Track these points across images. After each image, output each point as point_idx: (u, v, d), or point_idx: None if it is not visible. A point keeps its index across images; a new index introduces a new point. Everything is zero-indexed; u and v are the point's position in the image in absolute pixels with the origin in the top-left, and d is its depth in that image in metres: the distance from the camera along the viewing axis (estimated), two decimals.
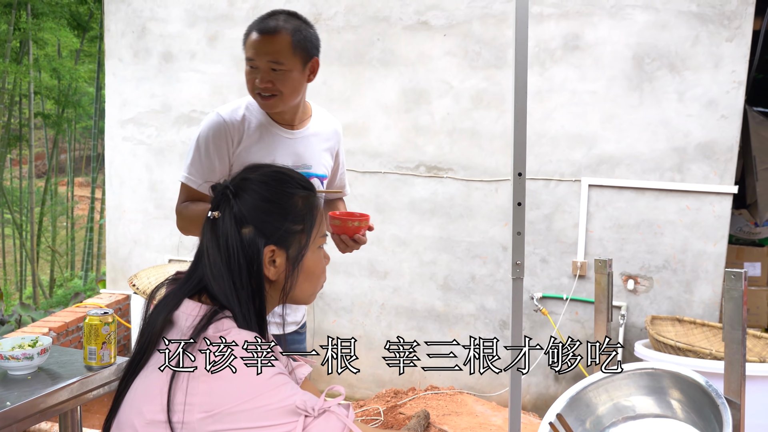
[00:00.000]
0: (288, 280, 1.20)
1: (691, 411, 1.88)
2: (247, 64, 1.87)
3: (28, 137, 10.10)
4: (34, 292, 10.33)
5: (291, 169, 1.30)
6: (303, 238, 1.21)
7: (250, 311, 1.16)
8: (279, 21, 1.85)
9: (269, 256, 1.18)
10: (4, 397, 1.82)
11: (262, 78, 1.85)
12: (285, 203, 1.20)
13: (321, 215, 1.26)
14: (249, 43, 1.85)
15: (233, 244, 1.16)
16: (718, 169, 3.57)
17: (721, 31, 3.50)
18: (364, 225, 1.87)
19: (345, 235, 1.85)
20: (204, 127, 1.93)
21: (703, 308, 3.67)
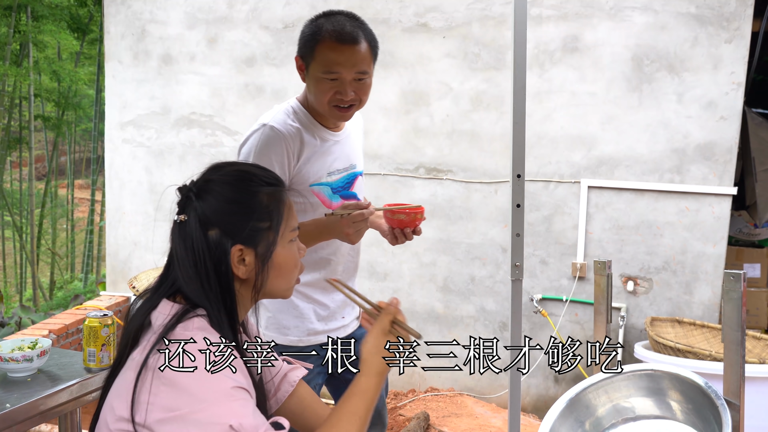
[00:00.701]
0: (258, 278, 1.20)
1: (690, 412, 1.89)
2: (325, 76, 1.71)
3: (28, 140, 10.10)
4: (34, 294, 10.33)
5: (256, 166, 1.29)
6: (271, 235, 1.20)
7: (221, 312, 1.17)
8: (353, 26, 1.73)
9: (238, 256, 1.18)
10: (3, 399, 1.83)
11: (347, 90, 1.73)
12: (249, 202, 1.20)
13: (289, 209, 1.25)
14: (328, 54, 1.70)
15: (199, 246, 1.16)
16: (717, 171, 3.57)
17: (720, 33, 3.50)
18: (422, 216, 1.87)
19: (408, 228, 1.84)
20: (257, 142, 1.79)
21: (703, 309, 3.67)
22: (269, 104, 4.45)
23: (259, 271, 1.19)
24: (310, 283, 1.97)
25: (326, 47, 1.70)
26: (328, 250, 1.98)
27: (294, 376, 1.47)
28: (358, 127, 2.13)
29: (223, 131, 4.47)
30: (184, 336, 1.10)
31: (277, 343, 1.97)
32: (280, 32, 4.28)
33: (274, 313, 1.98)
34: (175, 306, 1.17)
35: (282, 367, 1.49)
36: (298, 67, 1.82)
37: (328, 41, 1.70)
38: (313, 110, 1.86)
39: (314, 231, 1.80)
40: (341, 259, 2.02)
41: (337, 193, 1.94)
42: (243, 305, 1.25)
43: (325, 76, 1.72)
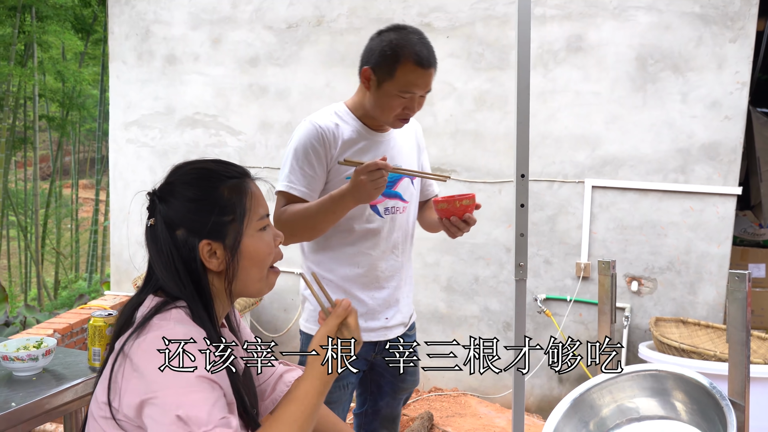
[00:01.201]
0: (229, 269, 1.23)
1: (695, 413, 1.88)
2: (401, 95, 1.84)
3: (33, 140, 10.13)
4: (39, 293, 10.37)
5: (216, 162, 1.32)
6: (236, 227, 1.23)
7: (199, 307, 1.20)
8: (428, 50, 1.84)
9: (207, 250, 1.22)
10: (9, 398, 1.83)
11: (414, 107, 1.88)
12: (209, 197, 1.23)
13: (255, 199, 1.27)
14: (408, 76, 1.82)
15: (168, 248, 1.21)
16: (722, 170, 3.56)
17: (724, 32, 3.49)
18: (471, 204, 1.87)
19: (455, 217, 1.86)
20: (300, 137, 1.91)
21: (707, 310, 3.66)
22: (273, 104, 4.49)
23: (229, 262, 1.23)
24: (349, 278, 2.00)
25: (408, 70, 1.81)
26: (367, 244, 1.99)
27: (290, 378, 1.51)
28: (410, 132, 2.15)
29: (227, 131, 4.47)
30: (160, 326, 1.14)
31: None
32: (283, 32, 4.29)
33: (316, 306, 2.01)
34: (156, 299, 1.22)
35: (278, 369, 1.52)
36: (365, 78, 1.90)
37: (410, 65, 1.81)
38: (361, 113, 1.97)
39: (328, 202, 1.82)
40: (382, 254, 2.03)
41: None
42: (221, 299, 1.27)
43: (400, 94, 1.84)
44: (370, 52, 1.89)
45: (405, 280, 2.14)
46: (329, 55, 4.21)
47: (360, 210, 1.95)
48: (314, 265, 2.02)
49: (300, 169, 1.89)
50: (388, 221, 2.01)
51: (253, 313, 4.42)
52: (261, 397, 1.49)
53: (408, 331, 2.17)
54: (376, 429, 2.24)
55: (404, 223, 2.08)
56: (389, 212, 2.01)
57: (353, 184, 1.75)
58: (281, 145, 4.35)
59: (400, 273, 2.10)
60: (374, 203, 1.97)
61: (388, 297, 2.06)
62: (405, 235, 2.10)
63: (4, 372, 2.05)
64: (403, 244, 2.09)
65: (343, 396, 2.06)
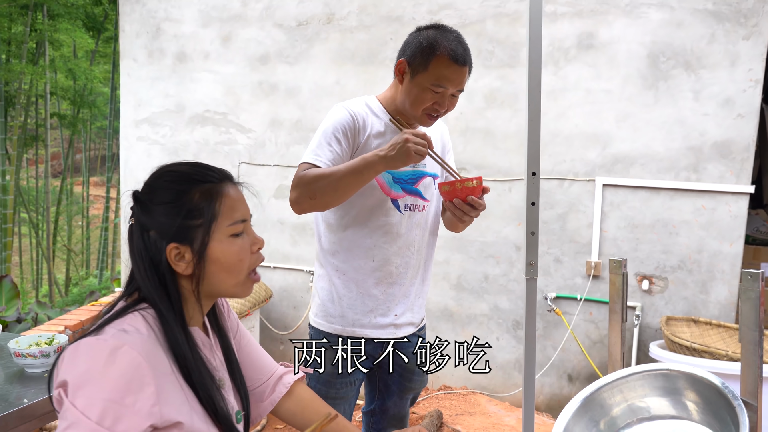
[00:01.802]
0: (195, 272, 1.24)
1: (706, 413, 1.87)
2: (433, 88, 1.85)
3: (44, 137, 10.20)
4: (50, 290, 10.44)
5: (194, 164, 1.31)
6: (203, 231, 1.23)
7: (168, 308, 1.22)
8: (464, 49, 1.86)
9: (175, 253, 1.22)
10: (21, 395, 1.85)
11: (444, 103, 1.89)
12: (178, 201, 1.23)
13: (229, 203, 1.26)
14: (442, 70, 1.83)
15: (140, 248, 1.24)
16: (734, 169, 3.54)
17: (737, 29, 3.47)
18: (477, 186, 1.82)
19: (458, 200, 1.82)
20: (331, 118, 1.92)
21: (719, 309, 3.64)
22: (283, 102, 4.49)
23: (195, 265, 1.23)
24: (363, 271, 2.00)
25: (442, 64, 1.83)
26: (384, 239, 1.99)
27: (289, 379, 1.53)
28: (437, 133, 2.15)
29: (237, 129, 4.48)
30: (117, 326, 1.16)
31: (324, 331, 2.02)
32: (293, 30, 4.29)
33: (323, 301, 2.02)
34: (122, 303, 1.25)
35: (278, 370, 1.54)
36: (399, 71, 1.92)
37: (444, 59, 1.83)
38: (392, 108, 1.98)
39: (357, 163, 1.78)
40: (398, 250, 2.02)
41: (399, 183, 1.98)
42: (192, 301, 1.28)
43: (432, 87, 1.85)
44: (406, 45, 1.92)
45: (420, 280, 2.12)
46: (339, 52, 4.21)
47: (379, 203, 1.95)
48: (330, 256, 2.02)
49: (328, 146, 1.88)
50: (406, 217, 2.01)
51: (262, 311, 4.43)
52: (260, 398, 1.50)
53: (418, 332, 2.16)
54: (385, 428, 2.24)
55: (422, 221, 2.07)
56: (408, 209, 2.01)
57: (392, 144, 1.74)
58: (291, 143, 4.36)
59: (415, 271, 2.09)
60: (395, 197, 1.97)
61: (400, 293, 2.05)
62: (423, 234, 2.09)
63: (16, 368, 2.06)
64: (420, 242, 2.07)
65: (349, 392, 2.06)
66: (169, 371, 1.16)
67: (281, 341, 4.50)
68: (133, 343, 1.12)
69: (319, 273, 2.06)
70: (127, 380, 1.08)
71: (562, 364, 3.96)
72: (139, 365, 1.10)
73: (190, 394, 1.19)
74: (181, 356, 1.19)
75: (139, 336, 1.14)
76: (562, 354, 3.94)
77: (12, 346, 2.04)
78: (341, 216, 1.98)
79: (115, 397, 1.07)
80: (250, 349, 1.51)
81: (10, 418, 1.72)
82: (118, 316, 1.19)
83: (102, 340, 1.11)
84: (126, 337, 1.12)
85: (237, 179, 1.34)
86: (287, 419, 1.53)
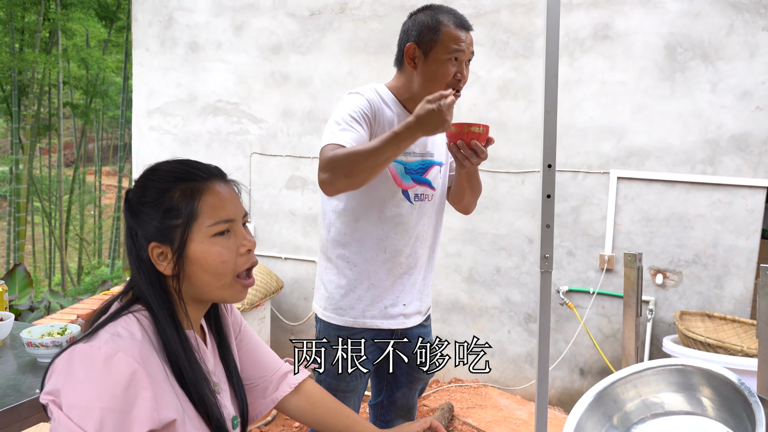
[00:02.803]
0: (175, 272, 1.21)
1: (722, 409, 1.84)
2: (450, 56, 1.87)
3: (57, 127, 10.24)
4: (63, 279, 10.52)
5: (183, 162, 1.28)
6: (182, 230, 1.20)
7: (160, 308, 1.20)
8: (464, 17, 1.93)
9: (157, 252, 1.20)
10: (34, 385, 1.85)
11: (464, 72, 1.91)
12: (159, 200, 1.20)
13: (212, 203, 1.22)
14: (455, 37, 1.87)
15: (129, 247, 1.24)
16: (751, 162, 3.49)
17: (757, 20, 3.41)
18: (483, 133, 1.79)
19: (461, 142, 1.78)
20: (348, 102, 1.91)
21: (734, 304, 3.60)
22: (295, 92, 4.47)
23: (176, 265, 1.20)
24: (374, 262, 1.99)
25: (452, 31, 1.87)
26: (395, 229, 1.98)
27: (294, 379, 1.51)
28: None
29: (248, 119, 4.47)
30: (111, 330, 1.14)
31: (335, 324, 2.01)
32: (306, 20, 4.26)
33: (332, 294, 2.02)
34: (116, 305, 1.23)
35: (283, 367, 1.52)
36: (409, 56, 1.91)
37: (452, 27, 1.88)
38: (404, 97, 1.97)
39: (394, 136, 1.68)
40: (408, 241, 2.01)
41: (409, 174, 1.97)
42: (185, 302, 1.25)
43: (449, 56, 1.87)
44: (407, 31, 1.93)
45: (427, 270, 2.13)
46: (352, 42, 4.18)
47: (391, 194, 1.94)
48: (340, 248, 2.00)
49: (350, 128, 1.83)
50: (416, 208, 2.01)
51: (273, 302, 4.44)
52: (261, 395, 1.48)
53: (424, 321, 2.17)
54: (393, 419, 2.24)
55: (431, 211, 2.08)
56: (418, 199, 2.01)
57: (425, 112, 1.65)
58: (303, 133, 4.34)
59: (423, 261, 2.10)
60: (406, 188, 1.96)
61: (409, 283, 2.06)
62: (431, 225, 2.09)
63: (28, 358, 2.06)
64: (427, 232, 2.07)
65: (359, 385, 2.06)
66: (163, 376, 1.14)
67: (292, 332, 4.50)
68: (127, 349, 1.09)
69: (326, 266, 2.05)
70: (124, 387, 1.06)
71: (574, 358, 3.94)
72: (135, 372, 1.08)
73: (183, 398, 1.17)
74: (173, 357, 1.17)
75: (133, 341, 1.12)
76: (574, 348, 3.92)
77: (24, 336, 2.04)
78: (353, 207, 1.97)
79: (113, 406, 1.04)
80: (252, 346, 1.49)
81: (23, 408, 1.72)
82: (113, 319, 1.17)
83: (96, 348, 1.09)
84: (120, 343, 1.10)
85: (230, 175, 1.31)
86: (297, 416, 1.52)
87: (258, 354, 1.50)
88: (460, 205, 2.16)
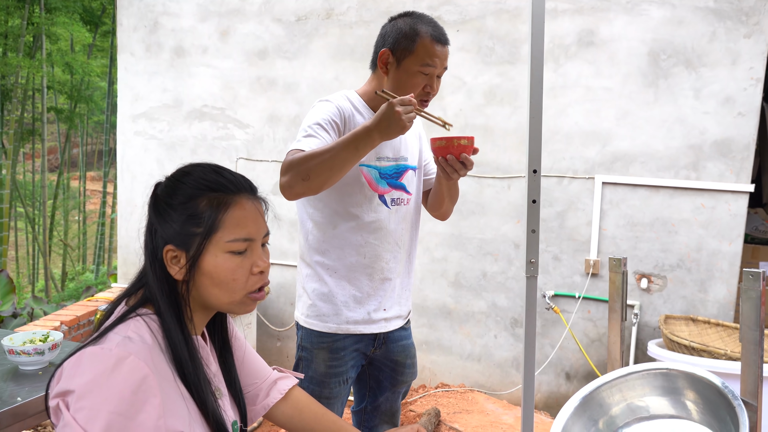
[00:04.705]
0: (185, 279, 1.20)
1: (706, 413, 1.86)
2: (422, 69, 1.87)
3: (41, 131, 10.15)
4: (47, 285, 10.40)
5: (217, 169, 1.26)
6: (200, 240, 1.18)
7: (168, 308, 1.18)
8: (443, 30, 1.92)
9: (171, 256, 1.19)
10: (15, 393, 1.83)
11: (434, 86, 1.91)
12: (185, 204, 1.20)
13: (237, 218, 1.21)
14: (429, 49, 1.87)
15: (146, 241, 1.23)
16: (734, 167, 3.52)
17: (738, 27, 3.45)
18: (469, 145, 1.82)
19: (451, 156, 1.80)
20: (318, 110, 1.91)
21: (718, 308, 3.63)
22: (281, 97, 4.47)
23: (187, 272, 1.19)
24: (354, 268, 1.99)
25: (427, 43, 1.87)
26: (373, 235, 1.98)
27: (284, 386, 1.51)
28: (414, 127, 2.15)
29: (234, 124, 4.46)
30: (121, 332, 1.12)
31: (317, 330, 2.00)
32: (292, 25, 4.26)
33: (314, 301, 2.01)
34: (122, 307, 1.21)
35: (272, 374, 1.52)
36: (382, 62, 1.92)
37: (428, 39, 1.87)
38: (374, 103, 1.98)
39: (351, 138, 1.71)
40: (387, 246, 2.02)
41: (384, 179, 1.98)
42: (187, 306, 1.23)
43: (421, 69, 1.87)
44: (384, 36, 1.93)
45: (405, 273, 2.14)
46: (338, 48, 4.19)
47: (367, 199, 1.95)
48: (319, 255, 2.00)
49: (316, 134, 1.84)
50: (393, 212, 2.01)
51: (259, 308, 4.42)
52: (252, 402, 1.47)
53: (405, 324, 2.17)
54: (377, 425, 2.24)
55: (408, 215, 2.09)
56: (395, 203, 2.02)
57: (384, 115, 1.67)
58: (289, 138, 4.34)
59: (402, 265, 2.10)
60: (382, 193, 1.97)
61: (389, 287, 2.07)
62: (408, 228, 2.10)
63: (10, 366, 2.04)
64: (405, 236, 2.09)
65: (342, 391, 2.05)
66: (171, 380, 1.13)
67: (278, 338, 4.48)
68: (139, 353, 1.08)
69: (307, 273, 2.04)
70: (133, 391, 1.04)
71: (560, 363, 3.95)
72: (145, 377, 1.06)
73: (190, 403, 1.16)
74: (179, 360, 1.15)
75: (144, 345, 1.11)
76: (560, 352, 3.93)
77: (6, 343, 2.02)
78: (330, 214, 1.97)
79: (121, 410, 1.03)
80: (243, 352, 1.49)
81: (4, 416, 1.70)
82: (121, 321, 1.15)
83: (107, 350, 1.07)
84: (131, 346, 1.09)
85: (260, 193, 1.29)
86: (283, 423, 1.51)
87: (249, 361, 1.49)
88: (438, 212, 2.19)
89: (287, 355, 4.47)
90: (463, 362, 4.15)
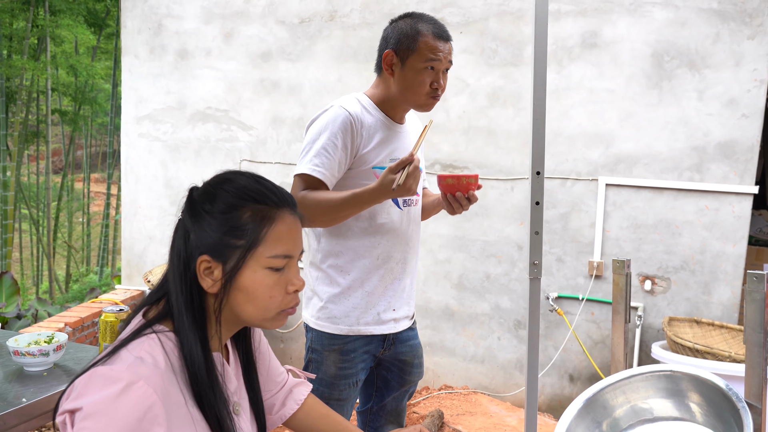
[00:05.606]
0: (219, 294, 1.13)
1: (710, 415, 1.85)
2: (426, 64, 1.90)
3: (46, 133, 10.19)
4: (51, 286, 10.43)
5: (260, 181, 1.21)
6: (241, 253, 1.12)
7: (191, 322, 1.13)
8: (444, 27, 1.94)
9: (205, 267, 1.13)
10: (20, 394, 1.83)
11: (440, 81, 1.93)
12: (228, 215, 1.13)
13: (278, 233, 1.15)
14: (432, 46, 1.89)
15: (178, 248, 1.14)
16: (738, 169, 3.52)
17: (742, 29, 3.45)
18: (475, 183, 1.89)
19: (459, 193, 1.87)
20: (331, 121, 1.90)
21: (722, 310, 3.62)
22: (285, 99, 4.47)
23: (221, 287, 1.13)
24: (367, 269, 2.01)
25: (429, 40, 1.89)
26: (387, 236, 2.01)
27: (299, 394, 1.47)
28: (419, 125, 2.19)
29: (238, 126, 4.47)
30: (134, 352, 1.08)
31: (328, 332, 2.01)
32: (296, 27, 4.27)
33: (325, 303, 2.01)
34: (140, 322, 1.15)
35: (287, 382, 1.48)
36: (387, 63, 1.95)
37: (430, 36, 1.89)
38: (383, 104, 2.00)
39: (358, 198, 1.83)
40: (398, 246, 2.05)
41: None
42: (213, 322, 1.18)
43: (426, 64, 1.89)
44: (387, 38, 1.95)
45: (411, 273, 2.17)
46: (342, 50, 4.19)
47: (383, 202, 1.96)
48: (332, 257, 2.00)
49: (327, 153, 1.86)
50: (405, 213, 2.04)
51: None
52: (269, 411, 1.44)
53: (412, 324, 2.20)
54: (383, 425, 2.24)
55: (416, 215, 2.13)
56: (407, 204, 2.05)
57: (387, 182, 1.78)
58: (293, 141, 4.34)
59: (411, 266, 2.14)
60: None
61: (399, 288, 2.08)
62: (416, 228, 2.14)
63: (15, 367, 2.05)
64: (413, 236, 2.12)
65: (352, 393, 2.06)
66: (182, 405, 1.09)
67: (282, 339, 4.49)
68: (149, 378, 1.04)
69: (317, 275, 2.04)
70: (139, 419, 1.01)
71: (564, 364, 3.94)
72: (153, 405, 1.02)
73: (200, 422, 1.12)
74: (195, 380, 1.10)
75: (155, 370, 1.06)
76: (564, 354, 3.93)
77: (11, 345, 2.02)
78: None
79: None
80: (268, 362, 1.44)
81: (9, 417, 1.71)
82: (136, 337, 1.10)
83: (117, 371, 1.03)
84: (142, 370, 1.04)
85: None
86: (288, 424, 1.51)
87: (269, 368, 1.45)
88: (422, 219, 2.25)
89: (290, 356, 4.47)
90: (466, 364, 4.15)
